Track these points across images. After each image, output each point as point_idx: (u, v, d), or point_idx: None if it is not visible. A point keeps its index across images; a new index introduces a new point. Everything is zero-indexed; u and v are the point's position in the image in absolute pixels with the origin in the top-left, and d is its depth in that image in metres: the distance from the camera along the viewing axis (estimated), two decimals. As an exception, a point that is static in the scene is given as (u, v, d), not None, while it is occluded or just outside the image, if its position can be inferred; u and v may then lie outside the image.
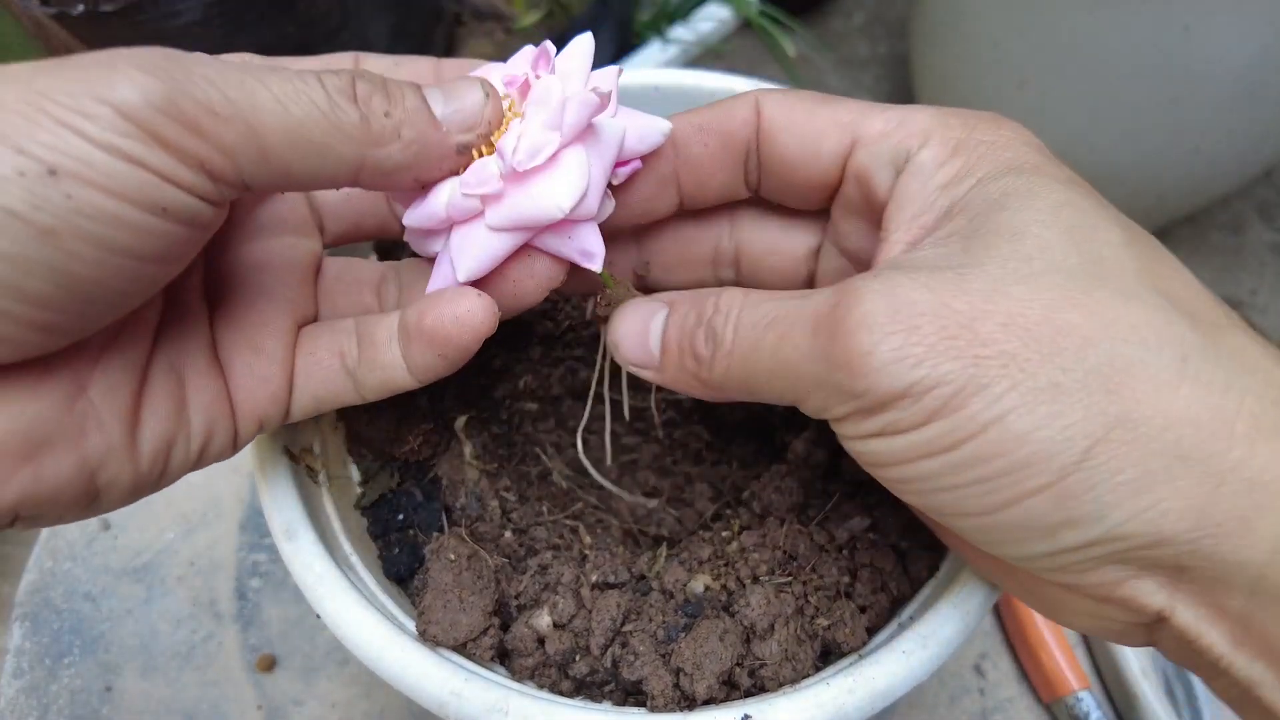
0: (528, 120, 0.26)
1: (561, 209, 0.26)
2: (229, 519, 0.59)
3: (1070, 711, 0.52)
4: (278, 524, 0.33)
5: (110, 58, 0.21)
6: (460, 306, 0.27)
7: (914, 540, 0.35)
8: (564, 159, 0.26)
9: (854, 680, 0.29)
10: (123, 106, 0.20)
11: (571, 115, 0.26)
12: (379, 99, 0.24)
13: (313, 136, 0.23)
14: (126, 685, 0.53)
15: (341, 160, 0.24)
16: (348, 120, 0.24)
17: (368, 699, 0.53)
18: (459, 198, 0.26)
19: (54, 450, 0.23)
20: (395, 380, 0.30)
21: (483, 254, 0.27)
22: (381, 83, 0.25)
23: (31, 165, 0.19)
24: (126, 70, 0.20)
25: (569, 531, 0.38)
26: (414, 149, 0.25)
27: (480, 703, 0.29)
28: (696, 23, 1.40)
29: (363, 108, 0.24)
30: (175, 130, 0.21)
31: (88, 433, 0.24)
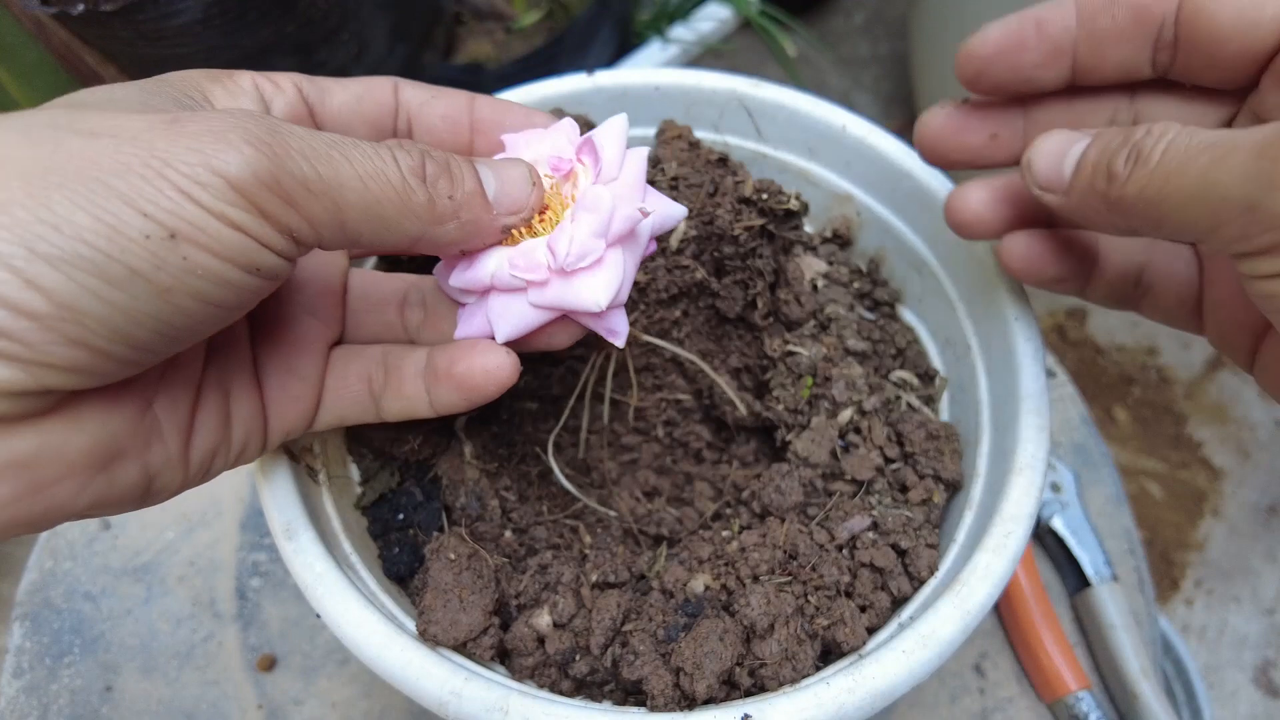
0: (578, 223, 0.29)
1: (600, 305, 0.29)
2: (229, 518, 0.59)
3: (1070, 711, 0.52)
4: (278, 523, 0.33)
5: (222, 127, 0.23)
6: (490, 361, 0.31)
7: (915, 539, 0.35)
8: (606, 260, 0.29)
9: (854, 680, 0.29)
10: (233, 179, 0.22)
11: (618, 226, 0.29)
12: (444, 182, 0.27)
13: (385, 214, 0.26)
14: (127, 685, 0.53)
15: (406, 233, 0.27)
16: (417, 202, 0.26)
17: (368, 698, 0.53)
18: (505, 274, 0.29)
19: (124, 461, 0.25)
20: (417, 410, 0.33)
21: (521, 323, 0.30)
22: (445, 164, 0.28)
23: (155, 229, 0.21)
24: (237, 143, 0.22)
25: (569, 531, 0.38)
26: (468, 228, 0.28)
27: (480, 702, 0.29)
28: (696, 22, 1.40)
29: (430, 189, 0.27)
30: (275, 203, 0.23)
31: (151, 445, 0.26)
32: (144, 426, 0.26)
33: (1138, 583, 0.58)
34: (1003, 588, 0.32)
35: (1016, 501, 0.33)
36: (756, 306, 0.43)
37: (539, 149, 0.32)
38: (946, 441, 0.38)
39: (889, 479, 0.38)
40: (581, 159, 0.31)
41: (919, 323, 0.45)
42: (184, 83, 0.28)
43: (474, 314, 0.31)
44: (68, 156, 0.21)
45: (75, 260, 0.21)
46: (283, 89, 0.30)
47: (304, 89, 0.31)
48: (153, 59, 0.92)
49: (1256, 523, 1.18)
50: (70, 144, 0.21)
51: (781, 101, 0.45)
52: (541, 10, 1.24)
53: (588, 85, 0.46)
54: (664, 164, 0.43)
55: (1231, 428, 1.25)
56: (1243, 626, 1.12)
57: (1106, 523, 0.60)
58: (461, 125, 0.34)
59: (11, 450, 0.22)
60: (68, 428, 0.23)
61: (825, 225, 0.47)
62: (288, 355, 0.32)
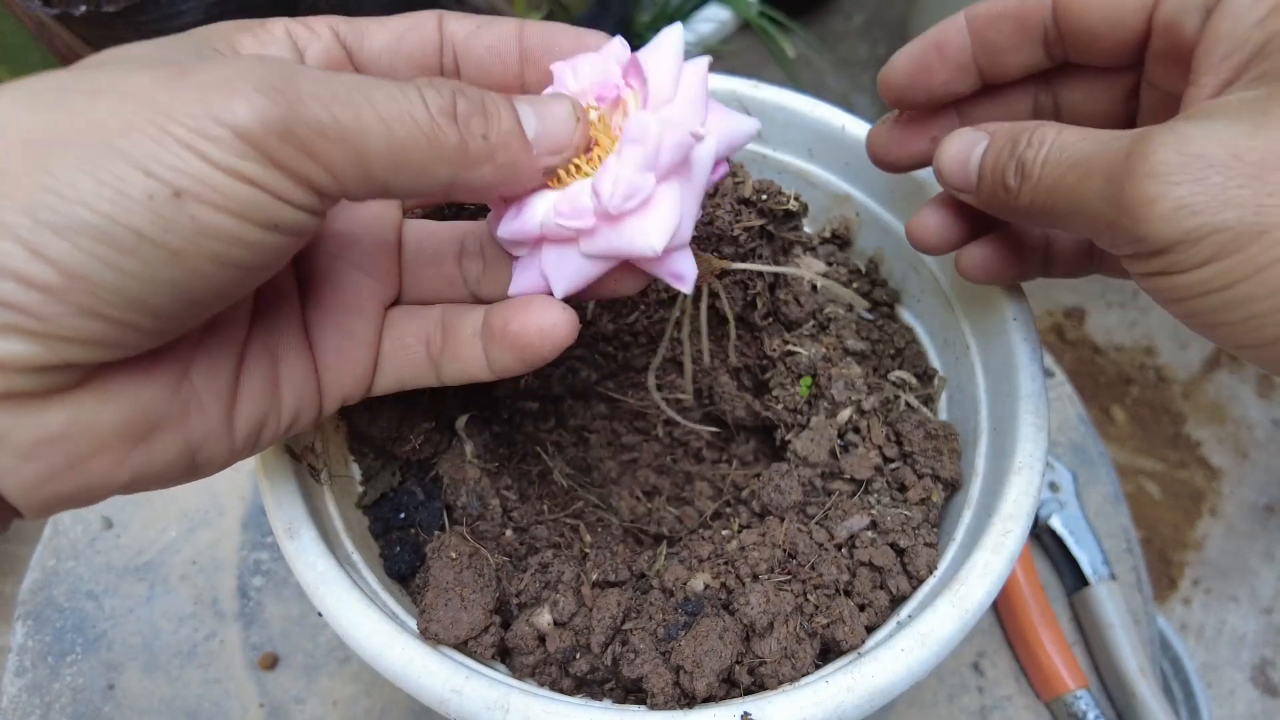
0: (623, 158, 0.26)
1: (655, 250, 0.26)
2: (231, 517, 0.59)
3: (1069, 710, 0.52)
4: (280, 523, 0.33)
5: (229, 76, 0.21)
6: (546, 319, 0.29)
7: (913, 538, 0.35)
8: (657, 198, 0.26)
9: (853, 678, 0.29)
10: (242, 129, 0.21)
11: (666, 156, 0.26)
12: (478, 120, 0.25)
13: (413, 158, 0.24)
14: (129, 683, 0.53)
15: (436, 179, 0.25)
16: (447, 143, 0.24)
17: (369, 697, 0.53)
18: (553, 223, 0.26)
19: (161, 433, 0.24)
20: (474, 373, 0.31)
21: (578, 275, 0.27)
22: (480, 102, 0.25)
23: (159, 188, 0.20)
24: (245, 91, 0.21)
25: (569, 530, 0.39)
26: (505, 170, 0.26)
27: (481, 700, 0.29)
28: (696, 23, 1.41)
29: (462, 129, 0.25)
30: (289, 152, 0.22)
31: (190, 415, 0.25)
32: (181, 396, 0.25)
33: (1136, 582, 0.59)
34: (1001, 586, 0.32)
35: (1015, 500, 0.33)
36: (756, 306, 0.43)
37: (587, 77, 0.28)
38: (945, 441, 0.38)
39: (888, 478, 0.38)
40: (630, 82, 0.28)
41: (917, 323, 0.45)
42: (211, 35, 0.26)
43: (528, 267, 0.29)
44: (70, 118, 0.20)
45: (80, 227, 0.20)
46: (318, 34, 0.28)
47: (340, 31, 0.29)
48: (154, 60, 0.92)
49: (1254, 522, 1.19)
50: (74, 104, 0.20)
51: (781, 102, 0.45)
52: (542, 12, 1.24)
53: (588, 87, 0.46)
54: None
55: (1229, 427, 1.25)
56: (1240, 625, 1.12)
57: (1104, 522, 0.60)
58: (510, 56, 0.31)
59: (41, 427, 0.22)
60: (98, 401, 0.23)
61: (824, 225, 0.47)
62: (340, 317, 0.30)
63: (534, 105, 0.27)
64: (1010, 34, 0.32)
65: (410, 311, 0.33)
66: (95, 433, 0.23)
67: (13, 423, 0.21)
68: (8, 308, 0.20)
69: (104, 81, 0.21)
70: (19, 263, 0.20)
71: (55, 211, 0.20)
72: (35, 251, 0.20)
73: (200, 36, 0.26)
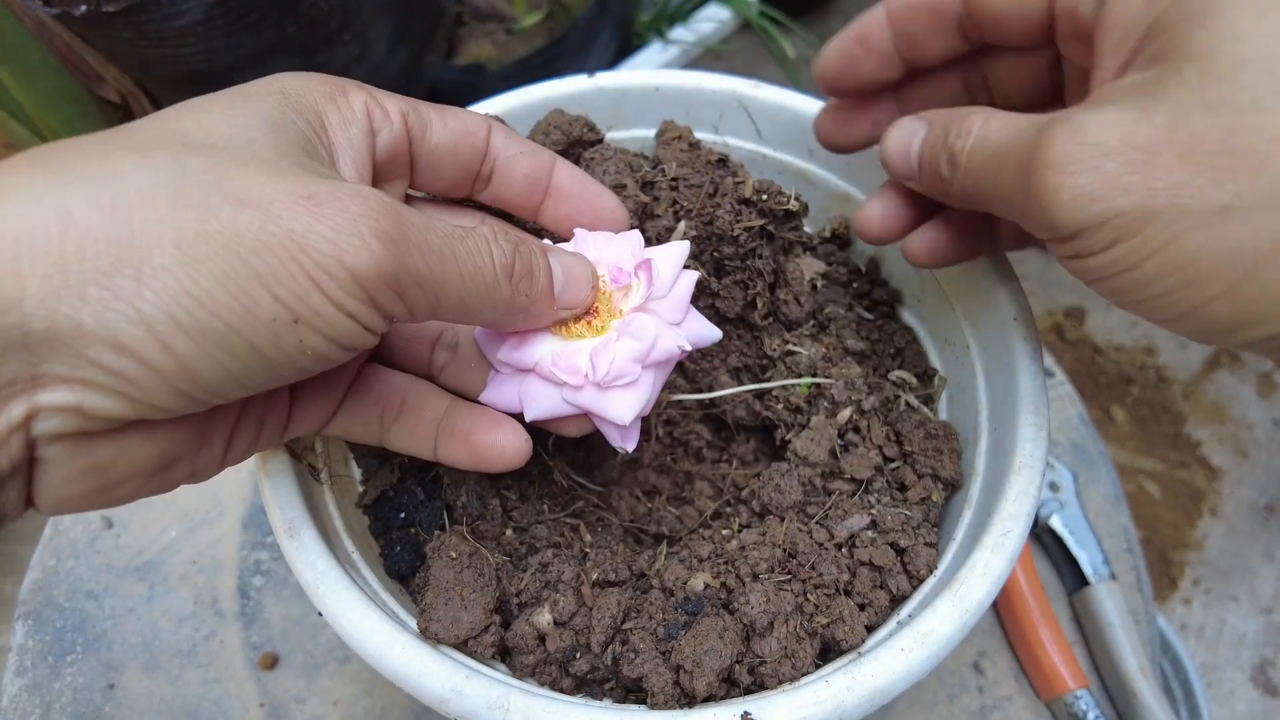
0: (621, 346, 0.31)
1: (625, 421, 0.32)
2: (231, 517, 0.59)
3: (1069, 709, 0.52)
4: (280, 522, 0.33)
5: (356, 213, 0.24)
6: (510, 443, 0.33)
7: (913, 538, 0.35)
8: (638, 382, 0.32)
9: (853, 678, 0.29)
10: (360, 275, 0.24)
11: (656, 355, 0.32)
12: (526, 281, 0.29)
13: (471, 304, 0.28)
14: (129, 683, 0.53)
15: (480, 319, 0.30)
16: (501, 298, 0.29)
17: (369, 696, 0.53)
18: (548, 367, 0.31)
19: (179, 465, 0.28)
20: (420, 452, 0.35)
21: (550, 410, 0.32)
22: (529, 263, 0.30)
23: (282, 313, 0.23)
24: (368, 239, 0.24)
25: (569, 530, 0.39)
26: (530, 319, 0.31)
27: (481, 700, 0.29)
28: (696, 23, 1.41)
29: (513, 286, 0.29)
30: (388, 296, 0.25)
31: (202, 451, 0.29)
32: (198, 438, 0.28)
33: (1136, 582, 0.59)
34: (1001, 586, 0.32)
35: (1015, 500, 0.33)
36: (756, 306, 0.43)
37: (604, 253, 0.34)
38: (945, 441, 0.38)
39: (888, 478, 0.38)
40: (638, 274, 0.33)
41: (918, 323, 0.45)
42: (303, 103, 0.29)
43: (505, 384, 0.33)
44: (218, 227, 0.23)
45: (208, 333, 0.23)
46: (390, 118, 0.32)
47: (409, 120, 0.32)
48: (155, 60, 0.92)
49: (1254, 522, 1.19)
50: (220, 213, 0.23)
51: (781, 102, 0.45)
52: (542, 11, 1.24)
53: (588, 86, 0.46)
54: (664, 164, 0.43)
55: (1229, 427, 1.25)
56: (1241, 625, 1.12)
57: (1105, 522, 0.60)
58: (539, 187, 0.36)
59: (94, 457, 0.25)
60: (139, 441, 0.26)
61: (824, 225, 0.47)
62: (326, 374, 0.33)
63: (563, 264, 0.31)
64: (927, 23, 0.34)
65: (377, 374, 0.35)
66: (132, 464, 0.26)
67: (72, 454, 0.24)
68: (120, 379, 0.23)
69: (244, 190, 0.23)
70: (148, 351, 0.22)
71: (191, 316, 0.22)
72: (164, 345, 0.22)
73: (294, 104, 0.28)
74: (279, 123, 0.27)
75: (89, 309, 0.22)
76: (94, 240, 0.22)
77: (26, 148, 0.92)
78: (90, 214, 0.22)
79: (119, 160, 0.23)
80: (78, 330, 0.22)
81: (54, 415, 0.23)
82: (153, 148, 0.24)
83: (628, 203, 0.41)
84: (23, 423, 0.23)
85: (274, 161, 0.25)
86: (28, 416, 0.23)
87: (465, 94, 1.17)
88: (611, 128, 0.47)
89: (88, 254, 0.22)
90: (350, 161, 0.30)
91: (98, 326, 0.22)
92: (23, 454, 0.23)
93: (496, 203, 0.37)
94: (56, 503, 0.25)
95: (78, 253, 0.22)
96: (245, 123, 0.26)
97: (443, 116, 0.34)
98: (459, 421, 0.34)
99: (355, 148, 0.30)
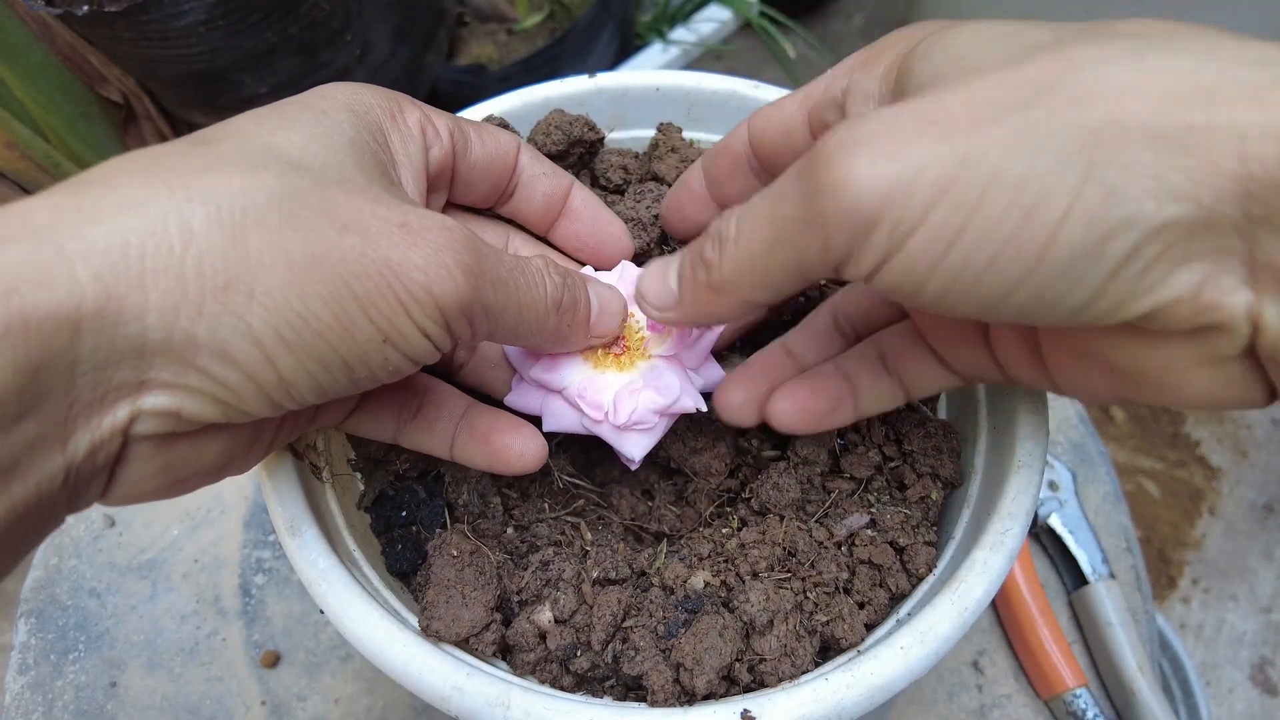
0: (644, 396, 0.34)
1: (634, 460, 0.35)
2: (233, 516, 0.60)
3: (1068, 708, 0.52)
4: (282, 521, 0.34)
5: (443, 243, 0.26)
6: (529, 448, 0.34)
7: (913, 536, 0.36)
8: (654, 428, 0.34)
9: (852, 676, 0.30)
10: (443, 303, 0.26)
11: (676, 409, 0.34)
12: (569, 313, 0.32)
13: (522, 330, 0.30)
14: (131, 681, 0.53)
15: (525, 341, 0.32)
16: (548, 325, 0.31)
17: (370, 694, 0.53)
18: (575, 394, 0.34)
19: (233, 463, 0.30)
20: (435, 450, 0.36)
21: (567, 427, 0.35)
22: (575, 296, 0.32)
23: (374, 334, 0.25)
24: (453, 271, 0.26)
25: (570, 528, 0.39)
26: (565, 345, 0.34)
27: (482, 697, 0.29)
28: (697, 24, 1.41)
29: (560, 317, 0.31)
30: (461, 323, 0.27)
31: (254, 452, 0.31)
32: (255, 437, 0.30)
33: (1135, 580, 0.59)
34: (1000, 584, 0.32)
35: (1014, 499, 0.33)
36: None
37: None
38: (945, 439, 0.38)
39: (887, 476, 0.38)
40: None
41: (917, 322, 0.45)
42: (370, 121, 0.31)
43: (530, 393, 0.36)
44: (324, 250, 0.24)
45: (310, 350, 0.25)
46: (440, 136, 0.34)
47: (455, 137, 0.34)
48: (157, 60, 0.92)
49: (1253, 521, 1.19)
50: (326, 236, 0.25)
51: (781, 103, 0.46)
52: (543, 12, 1.24)
53: (589, 87, 0.46)
54: (661, 159, 0.43)
55: (1229, 426, 1.25)
56: (1240, 624, 1.12)
57: (1104, 521, 0.61)
58: (555, 207, 0.39)
59: (173, 455, 0.26)
60: (211, 441, 0.27)
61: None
62: None
63: (599, 296, 0.34)
64: (727, 167, 0.37)
65: None
66: (197, 464, 0.27)
67: (155, 452, 0.25)
68: (223, 388, 0.24)
69: (346, 215, 0.25)
70: (253, 364, 0.24)
71: (296, 333, 0.24)
72: (269, 359, 0.24)
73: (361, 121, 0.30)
74: (358, 144, 0.29)
75: (204, 322, 0.23)
76: (212, 257, 0.23)
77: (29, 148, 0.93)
78: (210, 231, 0.23)
79: (231, 178, 0.24)
80: (191, 341, 0.23)
81: (152, 418, 0.24)
82: (259, 167, 0.25)
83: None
84: (125, 425, 0.24)
85: (365, 185, 0.27)
86: (130, 419, 0.24)
87: (466, 94, 1.17)
88: (613, 128, 0.47)
89: (206, 270, 0.23)
90: (410, 178, 0.32)
91: (209, 339, 0.23)
92: (118, 453, 0.25)
93: (514, 216, 0.39)
94: (126, 496, 0.26)
95: (197, 268, 0.23)
96: (332, 144, 0.28)
97: (481, 135, 0.36)
98: (479, 422, 0.35)
99: (414, 165, 0.32)
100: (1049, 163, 0.21)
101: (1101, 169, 0.21)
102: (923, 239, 0.22)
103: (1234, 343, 0.22)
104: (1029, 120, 0.21)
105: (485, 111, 0.45)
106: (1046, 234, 0.21)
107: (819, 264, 0.24)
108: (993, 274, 0.22)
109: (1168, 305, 0.22)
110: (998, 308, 0.23)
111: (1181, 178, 0.20)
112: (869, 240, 0.23)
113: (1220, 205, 0.20)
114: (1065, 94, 0.21)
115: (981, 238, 0.22)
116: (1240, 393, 0.24)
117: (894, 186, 0.22)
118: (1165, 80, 0.21)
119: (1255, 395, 0.24)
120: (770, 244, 0.25)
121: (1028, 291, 0.22)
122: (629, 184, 0.45)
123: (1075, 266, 0.22)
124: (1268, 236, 0.20)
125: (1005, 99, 0.22)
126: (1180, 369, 0.24)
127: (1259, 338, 0.22)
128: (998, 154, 0.21)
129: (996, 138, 0.21)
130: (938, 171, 0.21)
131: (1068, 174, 0.21)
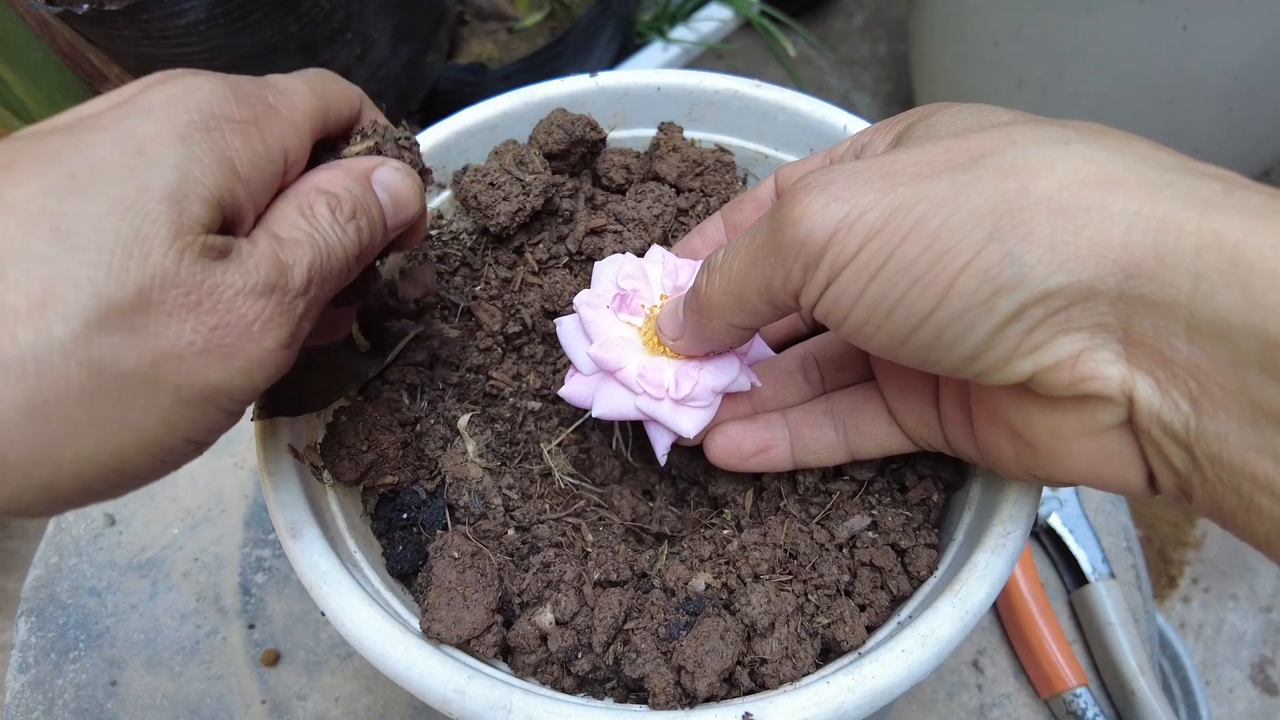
0: (705, 373, 0.34)
1: (689, 434, 0.34)
2: (233, 515, 0.60)
3: (1068, 707, 0.52)
4: (283, 523, 0.34)
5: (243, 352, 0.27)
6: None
7: (914, 539, 0.36)
8: (711, 404, 0.35)
9: (854, 679, 0.30)
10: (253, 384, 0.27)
11: (734, 388, 0.35)
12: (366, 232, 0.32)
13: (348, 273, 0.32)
14: (131, 680, 0.54)
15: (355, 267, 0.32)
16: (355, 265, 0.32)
17: (370, 694, 0.53)
18: (634, 377, 0.34)
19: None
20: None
21: (618, 412, 0.35)
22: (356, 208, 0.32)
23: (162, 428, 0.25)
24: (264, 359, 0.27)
25: (571, 529, 0.39)
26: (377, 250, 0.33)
27: (483, 700, 0.29)
28: (697, 23, 1.41)
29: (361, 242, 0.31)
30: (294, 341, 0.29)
31: None
32: None
33: (1135, 580, 0.59)
34: (1001, 587, 0.32)
35: (1015, 501, 0.33)
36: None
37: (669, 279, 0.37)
38: (945, 441, 0.38)
39: (888, 479, 0.38)
40: None
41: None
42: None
43: (583, 383, 0.37)
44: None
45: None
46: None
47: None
48: (157, 58, 0.92)
49: (1254, 521, 1.19)
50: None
51: (782, 102, 0.46)
52: (544, 11, 1.24)
53: (590, 86, 0.46)
54: (662, 158, 0.43)
55: (1230, 427, 1.25)
56: (1240, 624, 1.12)
57: (1104, 520, 0.61)
58: None
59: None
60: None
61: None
62: None
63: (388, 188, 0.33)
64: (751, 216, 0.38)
65: None
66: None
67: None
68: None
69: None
70: None
71: None
72: None
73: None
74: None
75: None
76: None
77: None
78: None
79: None
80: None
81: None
82: None
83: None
84: None
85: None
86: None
87: (467, 93, 1.17)
88: (614, 127, 0.47)
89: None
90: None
91: None
92: None
93: None
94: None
95: None
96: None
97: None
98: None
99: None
100: (963, 219, 0.24)
101: (1005, 232, 0.23)
102: (852, 272, 0.26)
103: (1113, 414, 0.25)
104: (958, 181, 0.24)
105: (486, 111, 0.45)
106: (947, 280, 0.24)
107: (782, 292, 0.28)
108: (902, 309, 0.25)
109: (1050, 368, 0.25)
110: (905, 342, 0.26)
111: (1070, 252, 0.23)
112: (816, 271, 0.26)
113: (1100, 282, 0.23)
114: (994, 164, 0.24)
115: (896, 275, 0.25)
116: (1119, 468, 0.26)
117: (840, 224, 0.25)
118: (1079, 166, 0.24)
119: (1134, 476, 0.26)
120: (746, 271, 0.29)
121: (928, 332, 0.25)
122: (630, 184, 0.45)
123: (968, 314, 0.24)
124: (1141, 316, 0.23)
125: (946, 161, 0.25)
126: (1066, 435, 0.27)
127: (1133, 411, 0.24)
128: (925, 206, 0.24)
129: (927, 191, 0.25)
130: (875, 215, 0.25)
131: (975, 231, 0.24)
